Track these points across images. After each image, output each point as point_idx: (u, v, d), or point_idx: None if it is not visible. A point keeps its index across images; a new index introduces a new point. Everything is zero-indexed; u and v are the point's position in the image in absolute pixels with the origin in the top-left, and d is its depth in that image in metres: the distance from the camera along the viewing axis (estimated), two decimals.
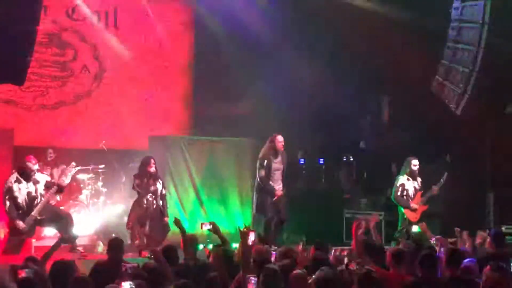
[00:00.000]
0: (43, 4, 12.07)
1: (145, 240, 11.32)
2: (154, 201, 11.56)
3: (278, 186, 12.03)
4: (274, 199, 11.94)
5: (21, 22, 9.90)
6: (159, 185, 11.63)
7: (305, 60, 14.07)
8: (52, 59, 14.44)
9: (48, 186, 10.50)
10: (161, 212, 11.63)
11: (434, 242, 8.86)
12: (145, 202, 11.51)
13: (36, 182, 10.46)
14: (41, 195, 10.43)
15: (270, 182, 11.90)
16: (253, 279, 6.16)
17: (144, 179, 11.57)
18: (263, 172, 11.96)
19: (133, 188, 11.77)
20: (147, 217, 11.49)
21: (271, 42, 14.25)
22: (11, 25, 9.81)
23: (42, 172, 11.12)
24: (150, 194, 11.55)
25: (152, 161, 11.60)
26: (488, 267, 6.48)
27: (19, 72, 10.53)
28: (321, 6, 13.84)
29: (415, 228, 8.50)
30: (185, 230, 8.29)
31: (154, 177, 11.62)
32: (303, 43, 14.50)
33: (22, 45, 10.17)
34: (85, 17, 14.54)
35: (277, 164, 12.07)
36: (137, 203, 11.62)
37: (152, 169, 11.54)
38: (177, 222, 8.51)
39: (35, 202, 10.39)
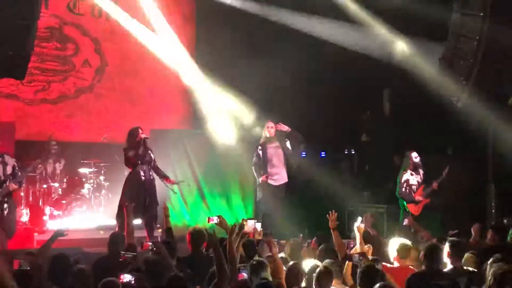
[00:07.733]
0: None
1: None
2: (151, 172, 10.79)
3: (278, 172, 12.21)
4: (258, 182, 12.21)
5: (21, 16, 9.90)
6: (152, 155, 10.78)
7: (306, 53, 14.04)
8: (53, 53, 14.43)
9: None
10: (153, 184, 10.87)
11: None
12: (143, 173, 10.69)
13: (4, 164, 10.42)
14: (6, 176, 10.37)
15: (266, 169, 12.12)
16: (244, 270, 6.16)
17: (138, 150, 10.65)
18: (254, 159, 12.30)
19: (128, 161, 10.70)
20: (145, 190, 10.67)
21: (271, 34, 14.24)
22: (11, 19, 9.81)
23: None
24: (146, 164, 10.72)
25: (140, 130, 10.68)
26: (492, 259, 6.52)
27: (20, 67, 10.53)
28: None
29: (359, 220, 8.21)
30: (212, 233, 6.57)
31: (147, 146, 10.72)
32: (304, 35, 14.46)
33: (22, 40, 10.17)
34: (86, 11, 14.57)
35: (273, 149, 12.20)
36: (133, 176, 10.72)
37: (144, 136, 10.63)
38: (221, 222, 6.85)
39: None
